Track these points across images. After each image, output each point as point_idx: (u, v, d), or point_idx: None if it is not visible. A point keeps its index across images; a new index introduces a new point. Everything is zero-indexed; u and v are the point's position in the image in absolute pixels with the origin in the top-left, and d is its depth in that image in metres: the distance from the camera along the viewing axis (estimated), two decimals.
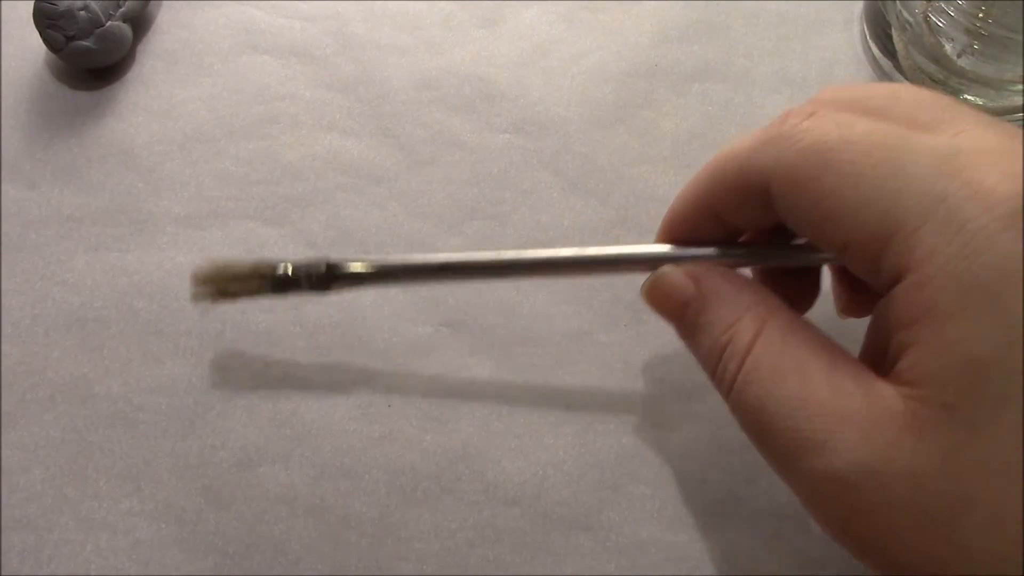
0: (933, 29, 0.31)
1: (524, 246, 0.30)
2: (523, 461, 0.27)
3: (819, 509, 0.19)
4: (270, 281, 0.25)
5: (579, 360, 0.28)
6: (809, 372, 0.19)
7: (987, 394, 0.16)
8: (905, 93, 0.20)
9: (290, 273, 0.25)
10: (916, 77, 0.32)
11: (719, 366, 0.20)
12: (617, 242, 0.30)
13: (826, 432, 0.18)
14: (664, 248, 0.23)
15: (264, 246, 0.30)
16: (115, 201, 0.31)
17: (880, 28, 0.33)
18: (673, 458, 0.27)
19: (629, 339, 0.28)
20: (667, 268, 0.22)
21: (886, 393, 0.18)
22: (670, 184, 0.31)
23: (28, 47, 0.33)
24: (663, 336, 0.28)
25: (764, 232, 0.23)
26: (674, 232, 0.23)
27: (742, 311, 0.20)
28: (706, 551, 0.25)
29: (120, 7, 0.32)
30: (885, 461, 0.17)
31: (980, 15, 0.29)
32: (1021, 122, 0.32)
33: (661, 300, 0.22)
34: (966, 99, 0.31)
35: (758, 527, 0.26)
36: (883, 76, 0.33)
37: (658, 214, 0.30)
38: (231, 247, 0.30)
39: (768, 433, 0.19)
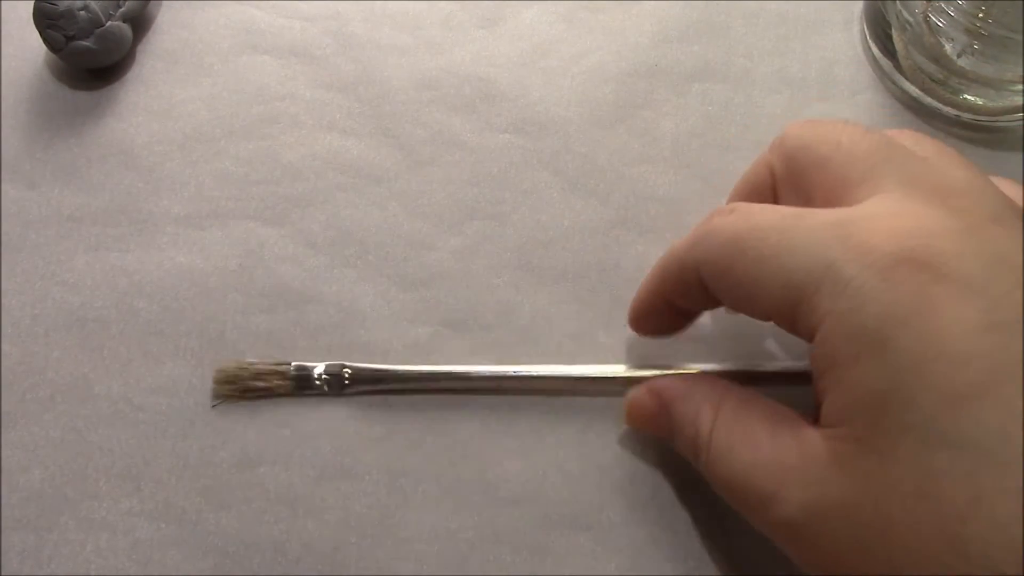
0: (933, 29, 0.31)
1: (524, 246, 0.30)
2: (523, 461, 0.27)
3: (788, 550, 0.21)
4: (292, 381, 0.27)
5: (579, 360, 0.28)
6: (757, 439, 0.22)
7: (888, 424, 0.19)
8: (847, 143, 0.23)
9: (312, 372, 0.27)
10: (916, 77, 0.32)
11: (694, 455, 0.24)
12: (617, 243, 0.30)
13: (774, 485, 0.21)
14: (620, 369, 0.27)
15: (264, 246, 0.30)
16: (115, 201, 0.31)
17: (880, 28, 0.33)
18: (673, 458, 0.27)
19: (629, 339, 0.28)
20: (632, 391, 0.26)
21: (813, 438, 0.20)
22: (670, 184, 0.31)
23: (28, 47, 0.33)
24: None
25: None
26: (640, 321, 0.27)
27: (699, 404, 0.24)
28: (706, 551, 0.25)
29: (120, 7, 0.32)
30: (820, 498, 0.20)
31: (980, 15, 0.29)
32: (1021, 122, 0.32)
33: (638, 421, 0.26)
34: (966, 99, 0.31)
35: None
36: (883, 76, 0.33)
37: (658, 214, 0.31)
38: (231, 247, 0.30)
39: (736, 496, 0.22)
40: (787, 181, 0.24)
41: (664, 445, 0.27)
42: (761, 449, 0.21)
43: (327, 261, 0.30)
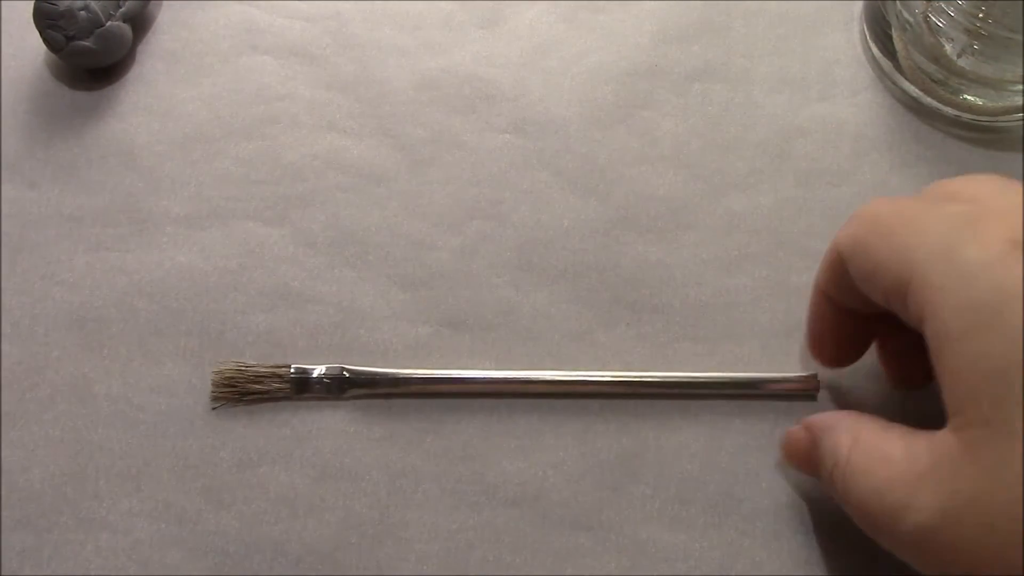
0: (933, 29, 0.31)
1: (524, 246, 0.30)
2: (523, 462, 0.27)
3: (920, 560, 0.21)
4: (291, 384, 0.27)
5: (579, 360, 0.28)
6: (891, 456, 0.21)
7: (1013, 400, 0.18)
8: (973, 182, 0.23)
9: (311, 375, 0.27)
10: (916, 77, 0.32)
11: (831, 485, 0.23)
12: (617, 243, 0.30)
13: (907, 496, 0.20)
14: (617, 373, 0.28)
15: (264, 246, 0.30)
16: (115, 201, 0.31)
17: (880, 28, 0.33)
18: (673, 458, 0.27)
19: (629, 339, 0.28)
20: (790, 429, 0.26)
21: (944, 436, 0.20)
22: (670, 184, 0.31)
23: (28, 47, 0.33)
24: (663, 336, 0.28)
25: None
26: (816, 338, 0.27)
27: (840, 434, 0.23)
28: (706, 551, 0.25)
29: (120, 7, 0.32)
30: (953, 495, 0.19)
31: (980, 15, 0.29)
32: (1021, 122, 0.32)
33: (794, 458, 0.26)
34: (966, 99, 0.31)
35: (758, 527, 0.26)
36: (883, 76, 0.33)
37: (658, 214, 0.31)
38: (231, 247, 0.30)
39: (870, 516, 0.22)
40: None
41: (664, 445, 0.27)
42: (895, 464, 0.21)
43: (327, 261, 0.30)
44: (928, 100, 0.32)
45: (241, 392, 0.27)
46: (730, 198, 0.31)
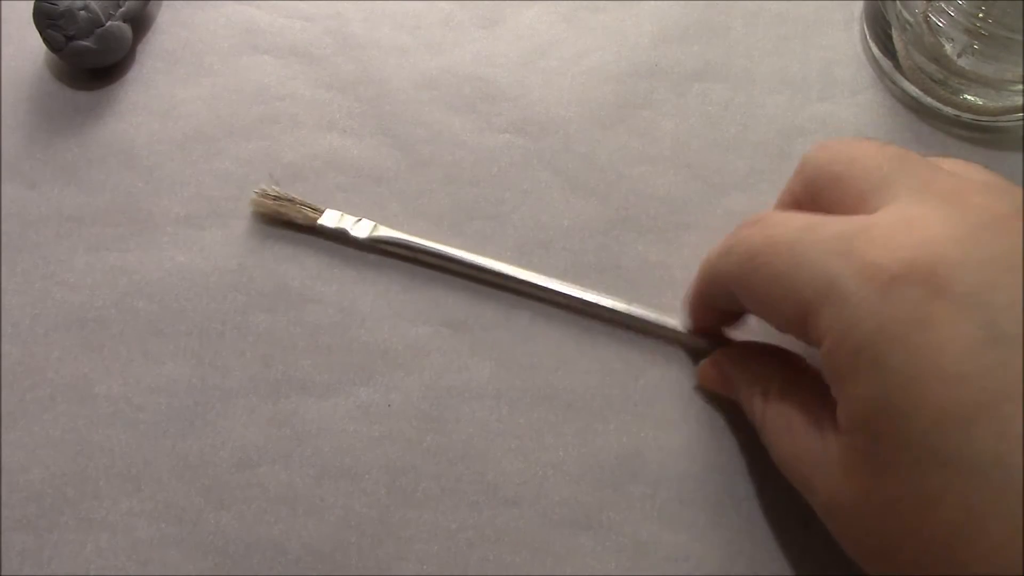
0: (933, 29, 0.31)
1: (524, 246, 0.30)
2: (523, 461, 0.27)
3: (827, 525, 0.22)
4: (318, 220, 0.29)
5: (579, 360, 0.28)
6: (795, 428, 0.23)
7: (885, 441, 0.19)
8: (860, 158, 0.23)
9: (345, 227, 0.29)
10: (916, 77, 0.32)
11: (757, 430, 0.25)
12: (617, 242, 0.30)
13: (810, 476, 0.22)
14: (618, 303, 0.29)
15: (264, 246, 0.30)
16: (115, 201, 0.31)
17: (880, 28, 0.33)
18: (673, 458, 0.27)
19: (629, 339, 0.28)
20: (702, 363, 0.27)
21: (832, 441, 0.21)
22: (670, 184, 0.31)
23: (28, 47, 0.33)
24: (664, 337, 0.28)
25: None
26: (696, 323, 0.28)
27: (752, 385, 0.25)
28: (706, 551, 0.25)
29: (120, 7, 0.32)
30: (837, 496, 0.21)
31: (980, 15, 0.29)
32: (1021, 122, 0.32)
33: (708, 386, 0.27)
34: (966, 99, 0.31)
35: (758, 527, 0.26)
36: (883, 76, 0.33)
37: (658, 214, 0.31)
38: (231, 247, 0.30)
39: (787, 476, 0.23)
40: (809, 206, 0.24)
41: (664, 445, 0.27)
42: (798, 440, 0.22)
43: (327, 261, 0.30)
44: (928, 100, 0.32)
45: (280, 209, 0.30)
46: (730, 198, 0.31)
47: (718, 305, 0.26)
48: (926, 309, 0.18)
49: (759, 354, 0.26)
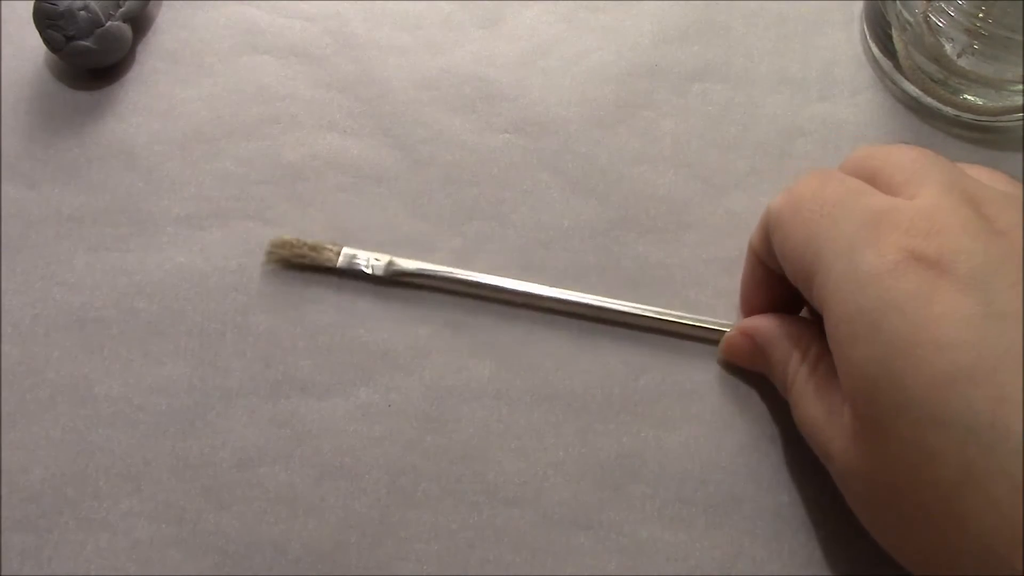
0: (933, 29, 0.31)
1: (524, 246, 0.30)
2: (523, 462, 0.27)
3: (844, 494, 0.23)
4: (337, 263, 0.29)
5: (579, 360, 0.28)
6: (820, 394, 0.23)
7: (883, 405, 0.20)
8: (895, 154, 0.24)
9: (361, 265, 0.29)
10: (916, 77, 0.32)
11: (784, 394, 0.26)
12: (617, 243, 0.30)
13: (828, 443, 0.23)
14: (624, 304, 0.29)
15: (264, 246, 0.30)
16: (115, 201, 0.31)
17: (880, 28, 0.33)
18: (673, 458, 0.27)
19: (629, 339, 0.28)
20: (729, 332, 0.28)
21: (843, 408, 0.22)
22: (670, 184, 0.31)
23: (28, 47, 0.33)
24: (663, 336, 0.28)
25: None
26: (746, 298, 0.28)
27: (789, 351, 0.25)
28: (706, 551, 0.25)
29: (120, 7, 0.32)
30: (850, 461, 0.21)
31: (980, 15, 0.29)
32: (1021, 122, 0.32)
33: (733, 358, 0.28)
34: (966, 99, 0.31)
35: (758, 527, 0.26)
36: (883, 76, 0.33)
37: (658, 214, 0.31)
38: (231, 247, 0.30)
39: (808, 441, 0.24)
40: None
41: (664, 445, 0.27)
42: (820, 408, 0.23)
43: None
44: (928, 100, 0.32)
45: (295, 256, 0.29)
46: (730, 198, 0.31)
47: (762, 257, 0.26)
48: (929, 286, 0.19)
49: (794, 322, 0.26)
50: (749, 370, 0.28)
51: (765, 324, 0.26)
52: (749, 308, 0.28)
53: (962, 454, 0.18)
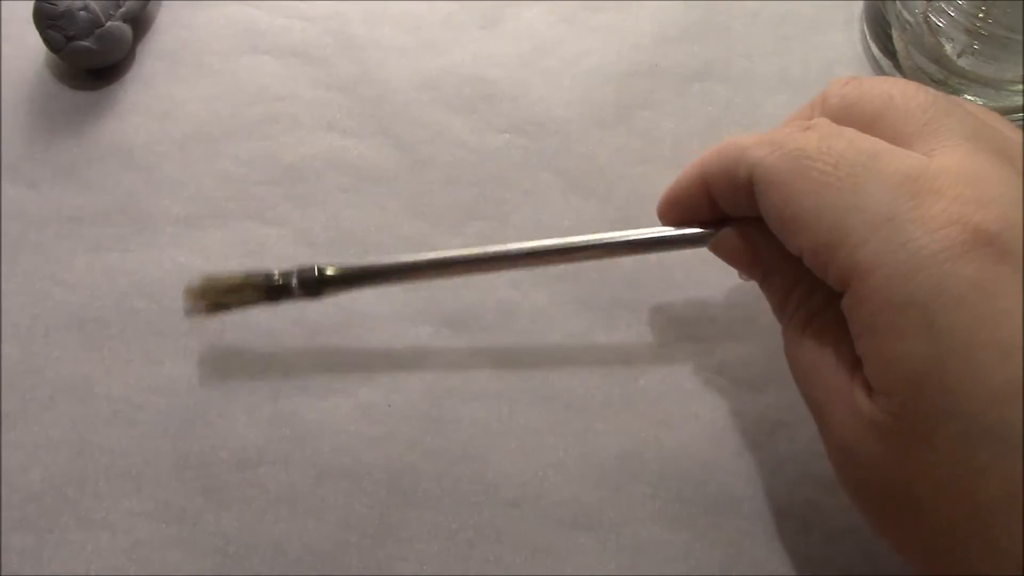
0: (933, 29, 0.31)
1: None
2: (523, 462, 0.27)
3: (831, 461, 0.21)
4: (264, 290, 0.26)
5: (579, 360, 0.28)
6: (823, 349, 0.21)
7: (928, 408, 0.18)
8: (900, 97, 0.21)
9: (281, 281, 0.26)
10: (916, 77, 0.32)
11: (778, 319, 0.23)
12: None
13: (825, 403, 0.20)
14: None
15: (264, 246, 0.30)
16: (115, 201, 0.31)
17: (880, 28, 0.33)
18: (673, 458, 0.27)
19: (629, 339, 0.28)
20: (724, 231, 0.24)
21: (860, 392, 0.20)
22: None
23: (28, 47, 0.33)
24: (663, 337, 0.28)
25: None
26: (670, 205, 0.25)
27: (791, 286, 0.22)
28: (706, 551, 0.25)
29: (120, 7, 0.32)
30: (856, 444, 0.19)
31: (980, 15, 0.29)
32: (1021, 122, 0.32)
33: (723, 256, 0.25)
34: (966, 99, 0.31)
35: (758, 527, 0.26)
36: (883, 76, 0.33)
37: None
38: (231, 247, 0.30)
39: (799, 386, 0.22)
40: None
41: (664, 445, 0.27)
42: (825, 362, 0.21)
43: (327, 261, 0.30)
44: None
45: (215, 304, 0.26)
46: None
47: (717, 196, 0.23)
48: (990, 273, 0.17)
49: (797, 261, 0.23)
50: (746, 364, 0.27)
51: (768, 243, 0.23)
52: (670, 214, 0.25)
53: (1011, 473, 0.17)
